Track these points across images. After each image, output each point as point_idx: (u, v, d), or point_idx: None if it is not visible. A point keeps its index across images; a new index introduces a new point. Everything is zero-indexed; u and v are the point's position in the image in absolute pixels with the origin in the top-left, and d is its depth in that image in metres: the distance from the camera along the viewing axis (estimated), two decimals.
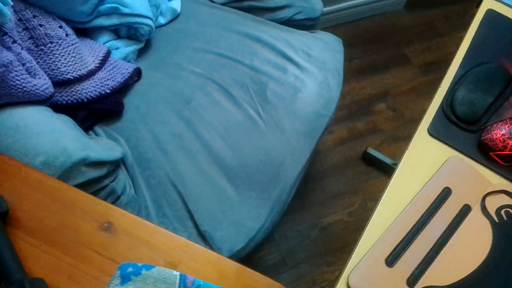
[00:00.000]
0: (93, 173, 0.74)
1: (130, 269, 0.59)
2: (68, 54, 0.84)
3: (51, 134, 0.72)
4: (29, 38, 0.79)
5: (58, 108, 0.82)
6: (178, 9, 1.09)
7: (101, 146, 0.79)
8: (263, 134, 0.97)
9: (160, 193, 0.86)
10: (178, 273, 0.59)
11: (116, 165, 0.82)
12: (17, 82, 0.72)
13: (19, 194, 0.64)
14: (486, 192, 0.65)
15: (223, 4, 1.15)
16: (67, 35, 0.84)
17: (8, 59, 0.70)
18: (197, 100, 0.98)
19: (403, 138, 1.63)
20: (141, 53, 1.03)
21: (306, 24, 1.19)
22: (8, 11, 0.68)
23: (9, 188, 0.64)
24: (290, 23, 1.17)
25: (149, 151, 0.90)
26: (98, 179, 0.77)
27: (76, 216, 0.64)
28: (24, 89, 0.73)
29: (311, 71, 1.07)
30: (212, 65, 1.04)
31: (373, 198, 1.50)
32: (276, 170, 0.94)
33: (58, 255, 0.61)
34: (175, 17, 1.09)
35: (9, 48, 0.72)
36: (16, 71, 0.71)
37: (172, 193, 0.86)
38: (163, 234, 0.64)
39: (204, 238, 0.83)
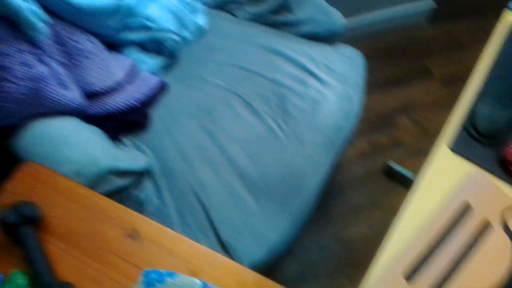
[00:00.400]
0: (120, 182, 0.77)
1: (154, 276, 0.61)
2: (97, 67, 0.87)
3: (81, 144, 0.75)
4: (61, 52, 0.83)
5: (88, 119, 0.86)
6: (203, 24, 1.12)
7: (128, 156, 0.82)
8: (284, 147, 0.98)
9: (184, 203, 0.88)
10: (199, 281, 0.61)
11: (142, 174, 0.85)
12: (50, 94, 0.76)
13: (50, 201, 0.67)
14: (507, 208, 0.65)
15: (246, 19, 1.17)
16: (95, 48, 0.88)
17: (42, 73, 0.75)
18: (220, 112, 1.01)
19: (424, 152, 1.62)
20: (166, 67, 1.07)
21: (327, 38, 1.21)
22: (45, 28, 0.72)
23: (41, 195, 0.68)
24: (311, 37, 1.19)
25: (173, 162, 0.92)
26: (125, 188, 0.79)
27: (103, 223, 0.66)
28: (57, 101, 0.77)
29: (331, 84, 1.08)
30: (234, 78, 1.06)
31: (394, 212, 1.49)
32: (297, 182, 0.95)
33: (85, 260, 0.63)
34: (200, 32, 1.13)
35: (43, 62, 0.76)
36: (49, 84, 0.75)
37: (195, 203, 0.89)
38: (186, 243, 0.66)
39: (225, 248, 0.84)
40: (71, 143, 0.74)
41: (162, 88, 1.00)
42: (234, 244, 0.84)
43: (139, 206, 0.82)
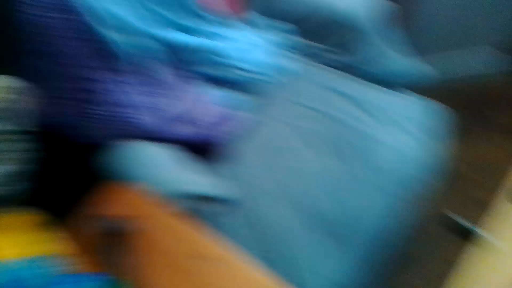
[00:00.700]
0: (199, 204, 0.81)
1: None
2: (176, 98, 0.95)
3: (166, 166, 0.81)
4: (145, 80, 0.92)
5: (168, 141, 0.92)
6: (288, 68, 1.17)
7: (209, 182, 0.86)
8: (364, 193, 0.98)
9: (258, 233, 0.90)
10: None
11: (219, 200, 0.89)
12: (129, 118, 0.84)
13: (137, 216, 0.72)
14: None
15: (333, 67, 1.22)
16: (177, 82, 0.96)
17: (128, 99, 0.83)
18: (299, 151, 1.03)
19: (484, 203, 1.54)
20: (248, 103, 1.12)
21: (396, 83, 1.22)
22: (131, 58, 0.81)
23: (127, 211, 0.72)
24: (380, 81, 1.20)
25: (251, 192, 0.95)
26: (201, 211, 0.84)
27: (181, 242, 0.70)
28: (135, 124, 0.85)
29: (398, 131, 1.08)
30: (316, 121, 1.09)
31: (450, 264, 1.41)
32: (352, 221, 0.94)
33: (164, 270, 0.67)
34: (284, 74, 1.18)
35: (124, 89, 0.85)
36: (129, 108, 0.84)
37: (269, 237, 0.89)
38: (260, 273, 0.67)
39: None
40: (157, 164, 0.80)
41: (243, 123, 1.05)
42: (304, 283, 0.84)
43: (213, 229, 0.85)
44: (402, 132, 1.06)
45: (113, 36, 0.75)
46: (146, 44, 0.88)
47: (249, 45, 1.14)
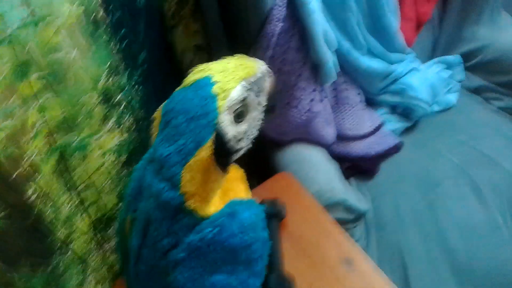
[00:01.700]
0: (344, 215, 0.89)
1: None
2: (355, 116, 1.03)
3: (326, 173, 0.90)
4: (333, 96, 1.02)
5: (331, 154, 1.02)
6: (454, 102, 1.17)
7: (356, 195, 0.93)
8: (504, 244, 0.94)
9: (386, 255, 0.94)
10: None
11: (360, 215, 0.95)
12: (316, 126, 0.94)
13: (293, 208, 0.83)
14: None
15: (500, 108, 1.17)
16: (359, 102, 1.04)
17: (318, 109, 0.93)
18: (446, 187, 1.03)
19: None
20: (406, 130, 1.16)
21: None
22: (336, 77, 0.91)
23: (287, 200, 0.84)
24: None
25: (387, 216, 1.00)
26: (345, 222, 0.91)
27: (328, 242, 0.79)
28: (318, 133, 0.95)
29: None
30: (470, 160, 1.07)
31: None
32: (508, 285, 0.89)
33: (306, 266, 0.76)
34: (448, 108, 1.18)
35: (320, 101, 0.95)
36: (320, 119, 0.94)
37: (397, 260, 0.93)
38: None
39: None
40: (319, 169, 0.90)
41: (398, 148, 1.09)
42: None
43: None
44: None
45: (327, 52, 0.85)
46: (348, 65, 0.97)
47: (423, 77, 1.15)
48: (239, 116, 0.44)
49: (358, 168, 1.06)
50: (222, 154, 0.43)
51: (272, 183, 0.88)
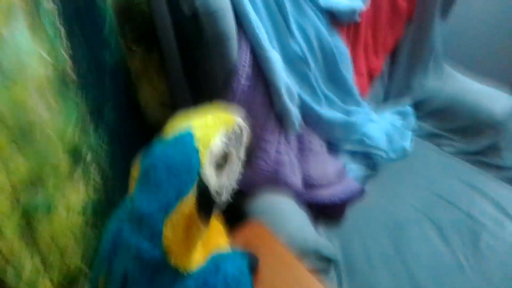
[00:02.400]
0: (318, 264, 0.89)
1: None
2: (319, 165, 1.06)
3: (297, 222, 0.91)
4: (297, 147, 1.05)
5: (299, 202, 1.03)
6: (408, 149, 1.25)
7: (326, 244, 0.94)
8: (468, 281, 0.96)
9: None
10: None
11: (331, 263, 0.96)
12: (284, 176, 0.97)
13: (266, 258, 0.82)
14: None
15: (452, 154, 1.25)
16: (322, 151, 1.08)
17: (284, 160, 0.96)
18: (410, 230, 1.07)
19: None
20: (369, 176, 1.20)
21: None
22: (299, 129, 0.95)
23: (260, 251, 0.83)
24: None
25: (357, 262, 1.01)
26: (317, 271, 0.91)
27: None
28: (286, 182, 0.97)
29: None
30: (430, 204, 1.12)
31: None
32: None
33: None
34: (405, 155, 1.25)
35: (286, 153, 0.98)
36: (286, 170, 0.96)
37: None
38: None
39: None
40: (290, 219, 0.91)
41: (361, 193, 1.13)
42: None
43: None
44: None
45: (290, 106, 0.89)
46: (310, 117, 1.02)
47: (379, 126, 1.22)
48: (218, 169, 0.45)
49: (325, 214, 1.08)
50: (205, 207, 0.43)
51: (244, 232, 0.87)
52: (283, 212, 0.92)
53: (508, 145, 1.18)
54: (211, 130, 0.44)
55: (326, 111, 1.05)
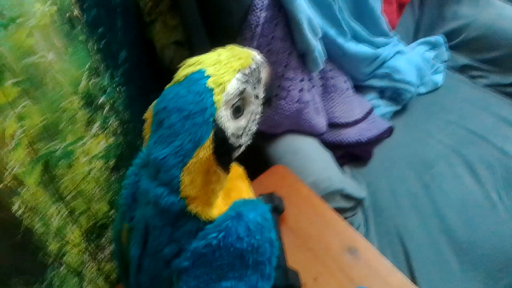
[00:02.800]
0: (343, 203, 0.87)
1: None
2: (344, 104, 1.01)
3: (321, 162, 0.88)
4: (321, 85, 1.00)
5: (324, 143, 1.00)
6: (440, 82, 1.17)
7: (352, 183, 0.92)
8: (501, 220, 0.94)
9: (386, 242, 0.93)
10: None
11: (358, 203, 0.94)
12: (307, 116, 0.92)
13: (291, 201, 0.81)
14: None
15: (485, 86, 1.17)
16: (347, 89, 1.02)
17: (307, 99, 0.91)
18: (439, 168, 1.03)
19: None
20: (396, 113, 1.15)
21: None
22: (323, 66, 0.89)
23: (285, 193, 0.83)
24: None
25: (384, 201, 0.99)
26: (343, 210, 0.89)
27: (329, 232, 0.77)
28: (310, 122, 0.93)
29: None
30: (461, 140, 1.07)
31: None
32: (508, 261, 0.89)
33: (310, 258, 0.74)
34: (435, 89, 1.18)
35: (309, 90, 0.93)
36: (309, 109, 0.92)
37: (397, 245, 0.92)
38: (399, 278, 0.71)
39: None
40: (314, 159, 0.88)
41: (389, 132, 1.08)
42: None
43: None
44: None
45: (312, 41, 0.83)
46: (335, 52, 0.95)
47: (408, 59, 1.15)
48: (236, 111, 0.41)
49: (351, 155, 1.05)
50: (223, 152, 0.40)
51: (267, 177, 0.86)
52: (307, 153, 0.89)
53: None
54: (225, 68, 0.39)
55: (351, 45, 0.98)
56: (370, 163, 1.06)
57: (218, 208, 0.43)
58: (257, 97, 0.43)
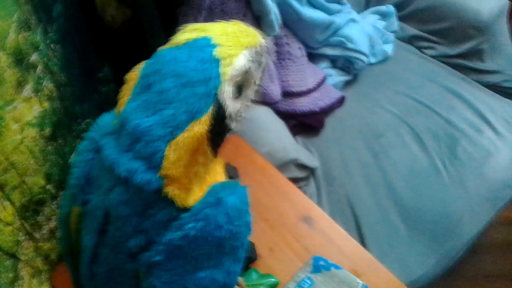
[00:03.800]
0: (297, 173, 0.86)
1: (321, 263, 0.68)
2: (298, 71, 0.99)
3: (276, 132, 0.86)
4: (275, 52, 0.96)
5: (276, 113, 0.97)
6: (389, 53, 1.18)
7: (305, 152, 0.91)
8: (445, 187, 0.98)
9: (337, 209, 0.94)
10: (361, 282, 0.66)
11: (311, 172, 0.93)
12: (262, 84, 0.89)
13: (245, 171, 0.79)
14: None
15: (433, 57, 1.20)
16: (302, 56, 0.99)
17: (269, 71, 0.87)
18: (388, 137, 1.05)
19: None
20: (347, 83, 1.15)
21: None
22: (278, 30, 0.85)
23: (239, 164, 0.79)
24: (496, 88, 1.16)
25: (335, 170, 0.99)
26: (297, 180, 0.88)
27: (284, 202, 0.76)
28: (264, 90, 0.90)
29: (508, 140, 1.05)
30: (409, 109, 1.10)
31: None
32: (451, 225, 0.94)
33: (265, 229, 0.73)
34: (385, 59, 1.19)
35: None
36: (271, 81, 0.88)
37: (348, 213, 0.94)
38: (353, 244, 0.72)
39: None
40: (269, 128, 0.85)
41: (340, 102, 1.08)
42: None
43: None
44: None
45: (269, 3, 0.78)
46: (289, 16, 0.91)
47: (360, 28, 1.14)
48: (238, 91, 0.37)
49: (304, 125, 1.03)
50: (218, 132, 0.35)
51: (222, 148, 0.82)
52: (261, 122, 0.86)
53: (492, 48, 1.14)
54: (233, 40, 0.35)
55: (307, 10, 0.95)
56: (322, 133, 1.06)
57: (195, 195, 0.38)
58: (255, 82, 0.39)
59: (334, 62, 1.12)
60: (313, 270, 0.67)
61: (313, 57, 1.11)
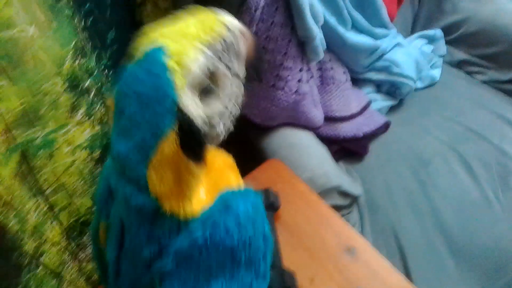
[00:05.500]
0: (339, 201, 0.84)
1: None
2: (342, 96, 0.97)
3: (318, 157, 0.84)
4: (319, 76, 0.96)
5: (319, 138, 0.96)
6: (437, 78, 1.15)
7: (348, 179, 0.88)
8: (498, 219, 0.92)
9: (382, 239, 0.91)
10: None
11: (354, 200, 0.91)
12: (304, 108, 0.88)
13: (286, 197, 0.78)
14: None
15: (483, 82, 1.15)
16: (346, 80, 0.98)
17: (305, 90, 0.87)
18: (436, 165, 1.00)
19: None
20: (392, 108, 1.12)
21: None
22: (323, 55, 0.85)
23: (280, 189, 0.79)
24: None
25: (379, 198, 0.96)
26: (339, 208, 0.86)
27: (326, 231, 0.73)
28: (307, 115, 0.89)
29: None
30: (458, 136, 1.05)
31: None
32: (504, 261, 0.88)
33: (306, 258, 0.71)
34: (432, 84, 1.15)
35: (307, 81, 0.89)
36: (307, 100, 0.88)
37: (393, 244, 0.90)
38: (398, 278, 0.68)
39: None
40: (310, 154, 0.84)
41: (385, 127, 1.05)
42: None
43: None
44: None
45: (314, 28, 0.78)
46: (334, 41, 0.91)
47: (407, 52, 1.12)
48: (207, 95, 0.34)
49: (346, 150, 1.01)
50: (191, 142, 0.33)
51: (261, 172, 0.82)
52: (303, 147, 0.85)
53: None
54: (190, 41, 0.33)
55: (351, 35, 0.94)
56: (365, 159, 1.03)
57: (202, 202, 0.38)
58: (236, 75, 0.36)
59: (379, 86, 1.10)
60: None
61: (357, 81, 1.09)
